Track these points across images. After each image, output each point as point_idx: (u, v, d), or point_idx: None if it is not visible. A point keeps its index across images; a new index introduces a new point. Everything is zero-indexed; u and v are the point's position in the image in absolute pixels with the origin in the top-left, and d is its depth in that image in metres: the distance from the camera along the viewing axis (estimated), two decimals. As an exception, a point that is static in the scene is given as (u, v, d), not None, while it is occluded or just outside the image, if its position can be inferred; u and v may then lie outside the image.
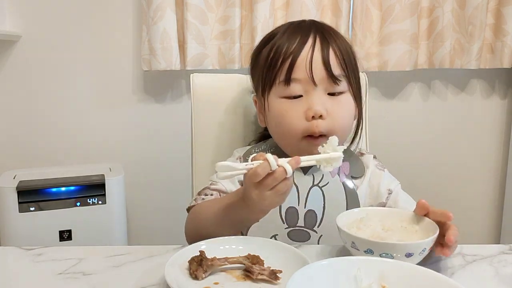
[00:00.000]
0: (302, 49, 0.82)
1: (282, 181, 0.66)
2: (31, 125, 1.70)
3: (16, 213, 1.37)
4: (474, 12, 1.61)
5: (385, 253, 0.60)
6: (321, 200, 0.86)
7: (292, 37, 0.84)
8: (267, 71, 0.84)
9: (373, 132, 1.13)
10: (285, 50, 0.82)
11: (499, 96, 1.82)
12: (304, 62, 0.81)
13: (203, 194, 0.87)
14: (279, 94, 0.83)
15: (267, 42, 0.88)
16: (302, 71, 0.81)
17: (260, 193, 0.66)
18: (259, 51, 0.90)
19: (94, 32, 1.66)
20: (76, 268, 0.67)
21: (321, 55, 0.82)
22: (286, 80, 0.82)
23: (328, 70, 0.81)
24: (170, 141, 1.74)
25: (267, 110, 0.86)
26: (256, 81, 0.90)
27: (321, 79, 0.81)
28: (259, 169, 0.65)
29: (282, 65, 0.82)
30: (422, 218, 0.70)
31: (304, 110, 0.81)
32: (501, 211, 1.89)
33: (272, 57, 0.84)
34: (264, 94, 0.86)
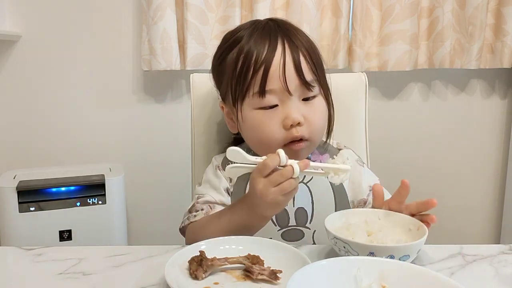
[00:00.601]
0: (273, 58, 0.80)
1: (288, 180, 0.66)
2: (31, 125, 1.70)
3: (16, 213, 1.37)
4: (474, 12, 1.61)
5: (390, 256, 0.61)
6: (308, 196, 0.86)
7: (260, 43, 0.81)
8: (238, 82, 0.82)
9: (373, 132, 1.13)
10: (255, 58, 0.80)
11: (499, 96, 1.82)
12: (277, 72, 0.79)
13: (194, 211, 0.85)
14: (254, 105, 0.81)
15: (232, 46, 0.85)
16: (276, 82, 0.79)
17: (264, 187, 0.67)
18: (224, 56, 0.87)
19: (94, 32, 1.66)
20: (76, 268, 0.67)
21: (292, 63, 0.80)
22: (260, 92, 0.80)
23: (301, 78, 0.81)
24: (170, 141, 1.74)
25: (241, 120, 0.84)
26: (224, 89, 0.88)
27: (295, 88, 0.81)
28: (268, 160, 0.67)
29: (254, 76, 0.80)
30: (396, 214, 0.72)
31: (281, 119, 0.80)
32: (501, 211, 1.89)
33: (241, 67, 0.81)
34: (236, 104, 0.83)
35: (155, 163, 1.76)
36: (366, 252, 0.61)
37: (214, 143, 1.04)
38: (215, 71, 0.91)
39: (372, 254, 0.61)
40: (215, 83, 0.93)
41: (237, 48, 0.84)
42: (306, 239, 0.85)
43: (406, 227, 0.69)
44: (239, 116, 0.84)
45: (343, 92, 1.06)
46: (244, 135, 0.87)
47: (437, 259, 0.69)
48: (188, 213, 0.86)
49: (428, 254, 0.70)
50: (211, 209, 0.84)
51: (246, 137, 0.87)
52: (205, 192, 0.88)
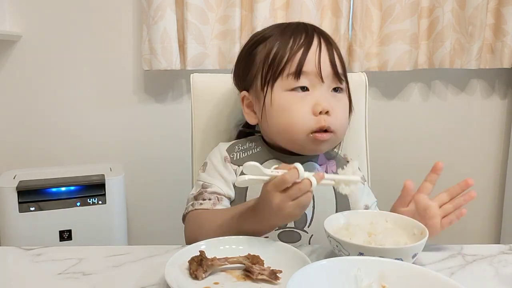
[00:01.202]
0: (311, 46, 0.84)
1: (305, 194, 0.66)
2: (31, 125, 1.70)
3: (16, 213, 1.37)
4: (474, 12, 1.62)
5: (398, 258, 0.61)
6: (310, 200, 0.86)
7: (297, 35, 0.85)
8: (271, 64, 0.84)
9: (373, 132, 1.13)
10: (292, 45, 0.84)
11: (499, 96, 1.82)
12: (314, 58, 0.83)
13: (201, 198, 0.84)
14: (286, 87, 0.83)
15: (262, 40, 0.88)
16: (311, 66, 0.83)
17: (281, 202, 0.66)
18: (254, 47, 0.89)
19: (94, 32, 1.66)
20: (76, 268, 0.67)
21: (327, 54, 0.84)
22: (296, 73, 0.82)
23: (334, 68, 0.84)
24: (170, 141, 1.74)
25: (268, 104, 0.85)
26: (251, 76, 0.89)
27: (328, 76, 0.84)
28: (287, 175, 0.65)
29: (291, 58, 0.83)
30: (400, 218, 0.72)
31: (311, 104, 0.82)
32: (501, 211, 1.89)
33: (277, 51, 0.84)
34: (266, 87, 0.85)
35: (155, 163, 1.76)
36: (356, 252, 0.61)
37: (214, 143, 1.04)
38: (241, 63, 0.92)
39: (362, 254, 0.60)
40: (239, 75, 0.94)
41: (270, 40, 0.87)
42: (302, 242, 0.84)
43: (410, 231, 0.69)
44: (267, 99, 0.85)
45: (343, 92, 1.06)
46: (269, 122, 0.86)
47: (437, 259, 0.69)
48: (193, 200, 0.85)
49: (428, 254, 0.70)
50: (219, 201, 0.84)
51: (270, 123, 0.86)
52: (212, 182, 0.86)
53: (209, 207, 0.83)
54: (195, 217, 0.83)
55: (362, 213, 0.75)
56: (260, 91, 0.86)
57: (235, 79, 0.96)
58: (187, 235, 0.84)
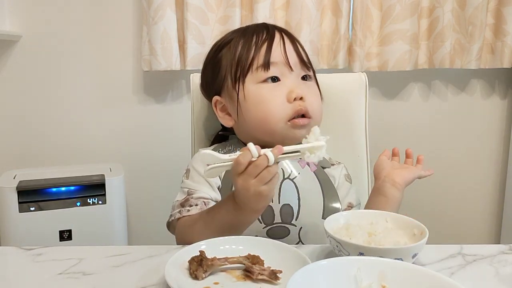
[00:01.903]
0: (273, 39, 0.87)
1: (265, 169, 0.67)
2: (31, 125, 1.70)
3: (16, 213, 1.37)
4: (474, 12, 1.62)
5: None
6: (294, 193, 0.86)
7: (258, 32, 0.89)
8: (239, 61, 0.87)
9: (373, 132, 1.13)
10: (256, 40, 0.87)
11: (499, 96, 1.82)
12: (279, 48, 0.86)
13: (188, 205, 0.84)
14: (257, 79, 0.86)
15: (226, 44, 0.91)
16: (279, 56, 0.86)
17: (244, 182, 0.68)
18: (218, 51, 0.92)
19: (94, 33, 1.66)
20: (76, 268, 0.67)
21: (291, 45, 0.89)
22: (265, 64, 0.85)
23: (299, 56, 0.88)
24: (170, 141, 1.74)
25: (243, 99, 0.86)
26: (220, 80, 0.91)
27: (295, 64, 0.87)
28: (240, 157, 0.67)
29: (258, 51, 0.86)
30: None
31: (284, 92, 0.85)
32: (501, 211, 1.89)
33: (243, 48, 0.87)
34: (237, 84, 0.87)
35: (155, 163, 1.76)
36: (356, 252, 0.61)
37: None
38: (208, 70, 0.95)
39: (362, 254, 0.60)
40: (207, 83, 0.95)
41: (233, 42, 0.90)
42: (291, 236, 0.84)
43: (410, 231, 0.69)
44: (240, 95, 0.86)
45: (343, 92, 1.06)
46: (246, 116, 0.87)
47: (437, 259, 0.69)
48: (180, 207, 0.84)
49: (428, 254, 0.70)
50: (206, 205, 0.83)
51: (247, 118, 0.87)
52: (196, 188, 0.86)
53: (195, 213, 0.82)
54: (184, 223, 0.82)
55: (362, 213, 0.75)
56: (232, 90, 0.88)
57: (203, 89, 0.98)
58: (179, 242, 0.83)
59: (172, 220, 0.85)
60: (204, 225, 0.77)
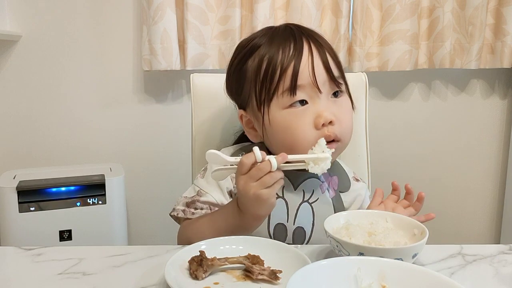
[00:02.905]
0: (302, 56, 0.80)
1: (267, 174, 0.68)
2: (31, 125, 1.70)
3: (16, 213, 1.37)
4: (474, 12, 1.62)
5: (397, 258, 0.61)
6: (310, 217, 0.85)
7: (285, 44, 0.81)
8: (264, 84, 0.80)
9: (373, 132, 1.13)
10: (282, 59, 0.79)
11: (499, 96, 1.82)
12: (307, 69, 0.79)
13: (193, 207, 0.83)
14: (283, 105, 0.80)
15: (251, 52, 0.84)
16: (306, 78, 0.79)
17: (245, 184, 0.69)
18: (243, 62, 0.85)
19: (94, 32, 1.66)
20: (76, 268, 0.67)
21: (320, 59, 0.80)
22: (291, 89, 0.78)
23: (330, 74, 0.80)
24: (170, 141, 1.74)
25: (268, 124, 0.82)
26: (245, 96, 0.85)
27: (324, 83, 0.80)
28: (244, 158, 0.69)
29: (283, 74, 0.79)
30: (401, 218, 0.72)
31: (312, 118, 0.79)
32: (501, 211, 1.89)
33: (267, 68, 0.80)
34: (262, 108, 0.81)
35: (155, 163, 1.76)
36: (356, 252, 0.61)
37: (214, 143, 1.04)
38: (233, 79, 0.88)
39: (362, 255, 0.60)
40: (232, 92, 0.90)
41: (258, 52, 0.82)
42: None
43: (411, 231, 0.69)
44: (265, 120, 0.81)
45: (343, 92, 1.06)
46: (271, 140, 0.84)
47: (437, 259, 0.69)
48: (185, 206, 0.84)
49: (428, 254, 0.70)
50: (211, 211, 0.83)
51: (273, 142, 0.84)
52: (207, 190, 0.85)
53: (199, 216, 0.83)
54: (188, 226, 0.82)
55: (362, 213, 0.75)
56: (258, 111, 0.83)
57: (229, 95, 0.92)
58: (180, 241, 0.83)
59: (176, 216, 0.85)
60: (207, 227, 0.77)
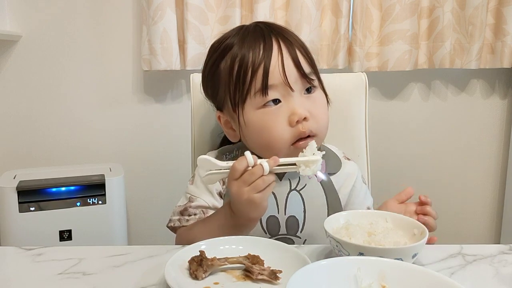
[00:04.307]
0: (271, 55, 0.80)
1: (260, 178, 0.69)
2: (31, 125, 1.70)
3: (16, 213, 1.37)
4: (474, 12, 1.61)
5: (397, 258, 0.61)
6: (300, 205, 0.85)
7: (255, 45, 0.81)
8: (237, 86, 0.81)
9: (373, 132, 1.13)
10: (253, 59, 0.80)
11: (499, 96, 1.82)
12: (277, 68, 0.79)
13: (187, 214, 0.85)
14: (256, 105, 0.80)
15: (223, 53, 0.84)
16: (277, 77, 0.79)
17: (238, 188, 0.70)
18: (216, 65, 0.85)
19: (94, 32, 1.66)
20: (76, 268, 0.67)
21: (290, 57, 0.81)
22: (263, 89, 0.79)
23: (300, 71, 0.81)
24: (170, 141, 1.74)
25: (243, 125, 0.82)
26: (221, 98, 0.86)
27: (296, 81, 0.81)
28: (236, 164, 0.69)
29: (254, 75, 0.79)
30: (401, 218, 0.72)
31: (286, 116, 0.79)
32: (501, 211, 1.89)
33: (239, 70, 0.81)
34: (237, 109, 0.82)
35: (155, 163, 1.76)
36: (356, 252, 0.61)
37: (214, 143, 1.04)
38: (208, 82, 0.89)
39: (362, 255, 0.60)
40: (208, 94, 0.91)
41: (230, 54, 0.83)
42: None
43: (411, 231, 0.69)
44: (241, 120, 0.82)
45: (343, 92, 1.06)
46: (248, 140, 0.85)
47: (437, 259, 0.69)
48: (179, 215, 0.86)
49: (428, 254, 0.70)
50: (204, 214, 0.84)
51: (250, 142, 0.85)
52: (198, 195, 0.86)
53: (194, 222, 0.84)
54: (184, 233, 0.83)
55: (362, 213, 0.75)
56: (233, 112, 0.83)
57: (206, 96, 0.93)
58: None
59: (172, 226, 0.86)
60: (202, 231, 0.78)
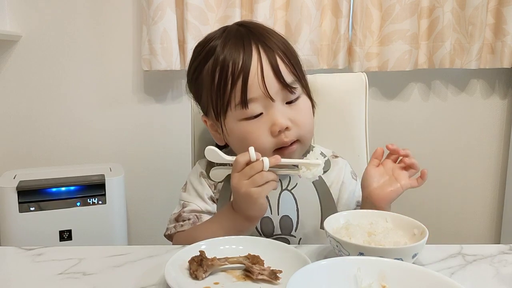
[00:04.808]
0: (250, 66, 0.78)
1: (259, 173, 0.71)
2: (31, 125, 1.70)
3: (16, 213, 1.37)
4: (474, 12, 1.62)
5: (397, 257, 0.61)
6: (293, 204, 0.85)
7: (235, 51, 0.79)
8: (218, 96, 0.80)
9: (373, 132, 1.13)
10: (232, 69, 0.78)
11: (499, 96, 1.82)
12: (256, 80, 0.77)
13: (181, 220, 0.85)
14: (237, 117, 0.80)
15: (206, 58, 0.83)
16: (256, 89, 0.77)
17: (238, 181, 0.72)
18: (200, 69, 0.84)
19: (94, 32, 1.66)
20: (76, 268, 0.67)
21: (270, 67, 0.78)
22: (242, 103, 0.78)
23: (281, 81, 0.79)
24: (170, 141, 1.74)
25: (226, 133, 0.83)
26: (204, 103, 0.85)
27: (277, 92, 0.79)
28: (239, 157, 0.72)
29: (234, 87, 0.78)
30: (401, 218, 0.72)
31: (268, 127, 0.78)
32: (501, 211, 1.89)
33: (219, 80, 0.79)
34: (219, 118, 0.82)
35: (155, 163, 1.76)
36: (356, 252, 0.61)
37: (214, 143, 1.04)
38: (192, 85, 0.88)
39: (362, 254, 0.60)
40: (193, 97, 0.90)
41: (212, 59, 0.81)
42: None
43: (411, 231, 0.69)
44: (224, 129, 0.83)
45: (343, 92, 1.06)
46: (233, 147, 0.86)
47: (437, 259, 0.69)
48: (174, 222, 0.86)
49: (428, 254, 0.70)
50: (198, 219, 0.85)
51: (234, 149, 0.86)
52: (190, 200, 0.87)
53: (190, 227, 0.84)
54: (181, 239, 0.83)
55: (362, 213, 0.75)
56: (216, 120, 0.83)
57: (192, 98, 0.91)
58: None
59: (168, 234, 0.87)
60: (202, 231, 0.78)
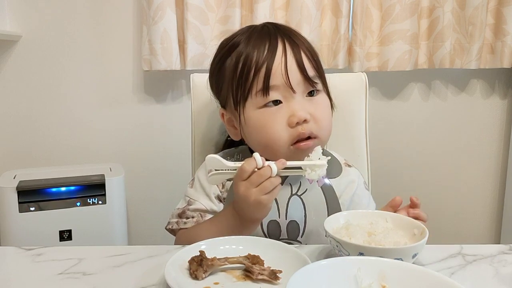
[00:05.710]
0: (275, 56, 0.80)
1: (268, 179, 0.69)
2: (31, 125, 1.70)
3: (16, 213, 1.37)
4: (474, 12, 1.61)
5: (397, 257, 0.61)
6: (301, 209, 0.85)
7: (260, 44, 0.81)
8: (239, 83, 0.81)
9: (373, 132, 1.13)
10: (256, 59, 0.80)
11: (499, 96, 1.82)
12: (280, 69, 0.79)
13: (184, 217, 0.85)
14: (257, 105, 0.80)
15: (230, 51, 0.84)
16: (279, 78, 0.79)
17: (246, 190, 0.70)
18: (222, 62, 0.86)
19: (94, 33, 1.66)
20: (76, 268, 0.67)
21: (294, 59, 0.80)
22: (264, 89, 0.79)
23: (304, 73, 0.80)
24: (170, 141, 1.74)
25: (244, 123, 0.83)
26: (224, 95, 0.87)
27: (298, 83, 0.80)
28: (245, 164, 0.70)
29: (257, 74, 0.79)
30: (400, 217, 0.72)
31: (286, 117, 0.79)
32: (501, 211, 1.89)
33: (242, 68, 0.80)
34: (238, 107, 0.82)
35: (155, 163, 1.76)
36: (356, 252, 0.61)
37: (214, 143, 1.04)
38: (213, 78, 0.90)
39: (362, 254, 0.60)
40: (214, 91, 0.91)
41: (236, 52, 0.83)
42: None
43: (411, 231, 0.69)
44: (241, 118, 0.82)
45: (343, 92, 1.06)
46: (248, 139, 0.85)
47: (437, 259, 0.69)
48: (177, 217, 0.86)
49: (428, 254, 0.70)
50: (202, 218, 0.84)
51: (250, 141, 0.85)
52: (196, 198, 0.87)
53: (193, 225, 0.84)
54: (183, 236, 0.83)
55: (362, 213, 0.75)
56: (235, 110, 0.84)
57: (212, 93, 0.93)
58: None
59: (171, 229, 0.87)
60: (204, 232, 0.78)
